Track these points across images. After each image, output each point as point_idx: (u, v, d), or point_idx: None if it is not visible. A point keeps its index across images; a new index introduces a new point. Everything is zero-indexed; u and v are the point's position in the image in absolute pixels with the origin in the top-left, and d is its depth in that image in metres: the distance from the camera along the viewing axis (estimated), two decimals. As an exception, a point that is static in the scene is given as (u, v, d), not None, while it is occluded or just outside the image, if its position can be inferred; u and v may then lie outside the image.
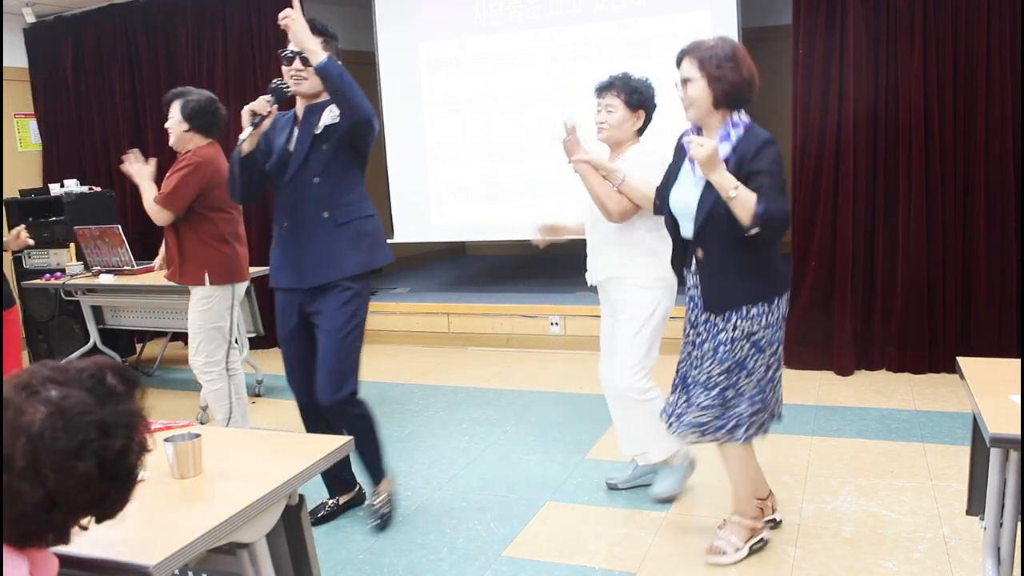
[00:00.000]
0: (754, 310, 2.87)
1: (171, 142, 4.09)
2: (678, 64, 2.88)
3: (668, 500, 3.57)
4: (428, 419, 4.88)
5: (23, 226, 4.17)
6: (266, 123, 3.15)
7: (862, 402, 4.75)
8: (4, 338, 3.85)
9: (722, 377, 2.91)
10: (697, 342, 3.00)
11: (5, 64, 7.40)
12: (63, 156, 7.60)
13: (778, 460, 3.94)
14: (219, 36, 6.86)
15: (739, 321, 2.88)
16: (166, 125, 4.09)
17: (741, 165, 2.77)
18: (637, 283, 3.40)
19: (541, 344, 6.34)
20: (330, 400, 3.28)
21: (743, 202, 2.68)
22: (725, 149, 2.82)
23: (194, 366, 4.19)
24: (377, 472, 3.54)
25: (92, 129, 7.51)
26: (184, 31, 6.99)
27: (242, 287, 4.23)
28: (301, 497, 2.09)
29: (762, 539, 3.12)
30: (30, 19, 7.27)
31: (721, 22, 5.77)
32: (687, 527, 3.37)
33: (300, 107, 3.31)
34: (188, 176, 3.98)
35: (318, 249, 3.27)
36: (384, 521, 3.50)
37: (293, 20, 3.05)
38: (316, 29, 3.15)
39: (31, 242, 4.14)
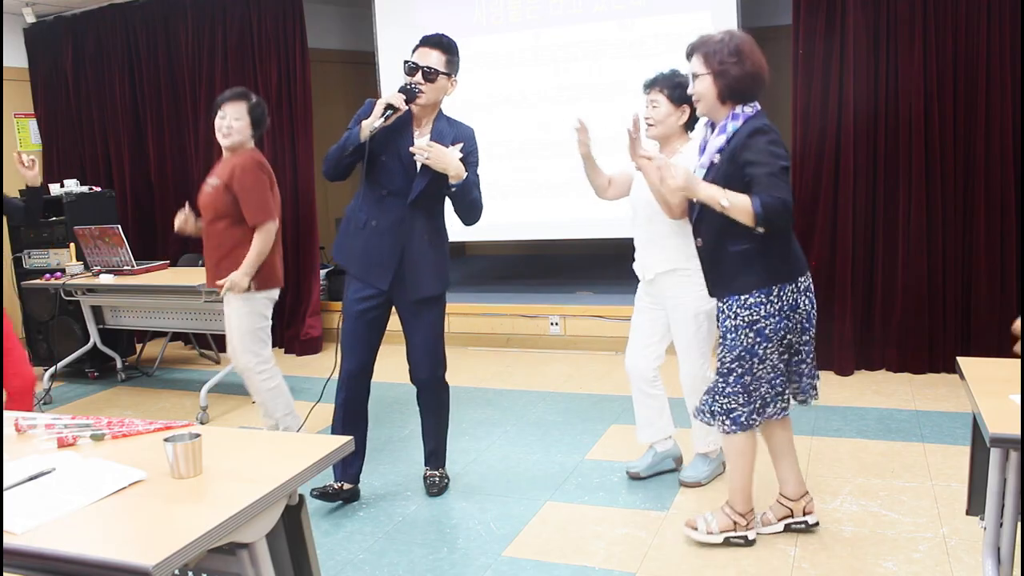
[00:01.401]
0: (751, 299, 2.91)
1: (229, 142, 4.01)
2: (688, 59, 2.93)
3: (693, 486, 3.70)
4: (428, 419, 4.87)
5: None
6: (394, 118, 3.32)
7: (862, 402, 4.75)
8: None
9: (735, 364, 2.97)
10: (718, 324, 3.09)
11: (5, 64, 7.41)
12: (63, 156, 7.60)
13: (778, 460, 3.95)
14: (219, 36, 6.86)
15: (739, 309, 2.93)
16: (228, 124, 3.99)
17: (734, 157, 2.83)
18: (693, 277, 3.41)
19: (541, 344, 6.33)
20: (431, 375, 3.69)
21: (738, 209, 2.74)
22: (720, 141, 2.88)
23: (245, 368, 4.11)
24: (444, 452, 3.88)
25: (92, 129, 7.51)
26: (184, 31, 6.98)
27: (277, 291, 4.27)
28: (301, 497, 2.09)
29: (744, 537, 3.13)
30: (30, 19, 7.27)
31: (721, 22, 5.77)
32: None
33: (416, 113, 3.46)
34: (262, 180, 4.02)
35: (422, 265, 3.54)
36: (441, 490, 3.82)
37: (430, 159, 3.34)
38: (443, 46, 3.43)
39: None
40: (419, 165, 3.42)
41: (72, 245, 5.85)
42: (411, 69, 3.39)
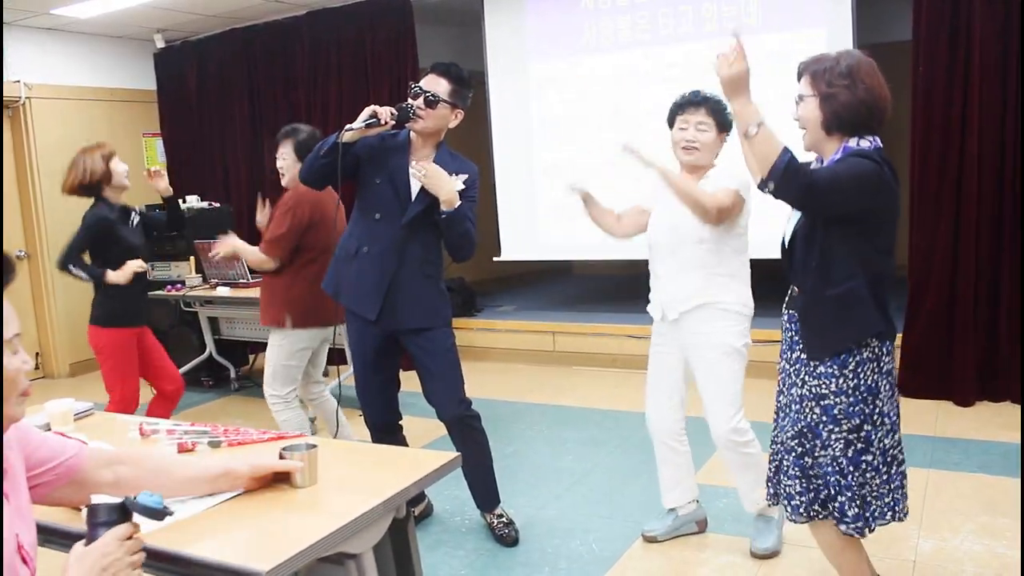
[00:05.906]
0: (821, 367, 2.44)
1: (284, 182, 4.09)
2: (798, 80, 2.57)
3: (769, 557, 3.26)
4: (532, 437, 4.88)
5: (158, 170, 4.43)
6: (375, 130, 3.21)
7: (984, 435, 4.52)
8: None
9: (795, 442, 2.52)
10: (783, 390, 2.65)
11: (137, 87, 7.84)
12: (186, 173, 7.92)
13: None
14: (333, 57, 7.07)
15: (807, 376, 2.48)
16: (279, 164, 4.10)
17: None
18: (726, 310, 3.12)
19: (647, 365, 6.22)
20: (457, 412, 3.44)
21: (764, 144, 2.32)
22: None
23: (266, 396, 4.19)
24: (495, 492, 3.61)
25: (212, 148, 7.83)
26: (301, 53, 7.22)
27: (327, 330, 4.21)
28: (409, 510, 2.10)
29: None
30: (160, 44, 7.67)
31: (837, 39, 5.63)
32: (785, 553, 3.26)
33: (416, 141, 3.37)
34: (289, 221, 3.98)
35: (415, 295, 3.39)
36: (514, 539, 3.54)
37: (426, 176, 3.20)
38: (452, 75, 3.30)
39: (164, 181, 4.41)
40: (415, 189, 3.30)
41: (192, 258, 6.08)
42: (415, 94, 3.28)
